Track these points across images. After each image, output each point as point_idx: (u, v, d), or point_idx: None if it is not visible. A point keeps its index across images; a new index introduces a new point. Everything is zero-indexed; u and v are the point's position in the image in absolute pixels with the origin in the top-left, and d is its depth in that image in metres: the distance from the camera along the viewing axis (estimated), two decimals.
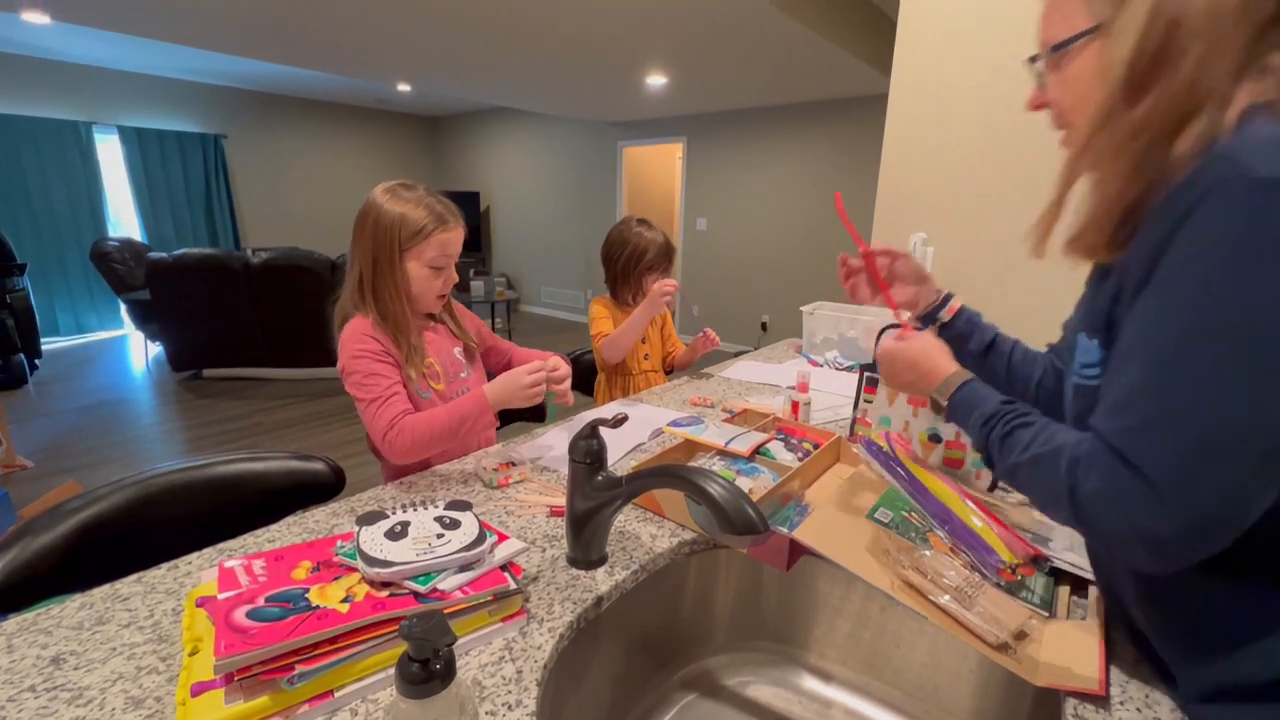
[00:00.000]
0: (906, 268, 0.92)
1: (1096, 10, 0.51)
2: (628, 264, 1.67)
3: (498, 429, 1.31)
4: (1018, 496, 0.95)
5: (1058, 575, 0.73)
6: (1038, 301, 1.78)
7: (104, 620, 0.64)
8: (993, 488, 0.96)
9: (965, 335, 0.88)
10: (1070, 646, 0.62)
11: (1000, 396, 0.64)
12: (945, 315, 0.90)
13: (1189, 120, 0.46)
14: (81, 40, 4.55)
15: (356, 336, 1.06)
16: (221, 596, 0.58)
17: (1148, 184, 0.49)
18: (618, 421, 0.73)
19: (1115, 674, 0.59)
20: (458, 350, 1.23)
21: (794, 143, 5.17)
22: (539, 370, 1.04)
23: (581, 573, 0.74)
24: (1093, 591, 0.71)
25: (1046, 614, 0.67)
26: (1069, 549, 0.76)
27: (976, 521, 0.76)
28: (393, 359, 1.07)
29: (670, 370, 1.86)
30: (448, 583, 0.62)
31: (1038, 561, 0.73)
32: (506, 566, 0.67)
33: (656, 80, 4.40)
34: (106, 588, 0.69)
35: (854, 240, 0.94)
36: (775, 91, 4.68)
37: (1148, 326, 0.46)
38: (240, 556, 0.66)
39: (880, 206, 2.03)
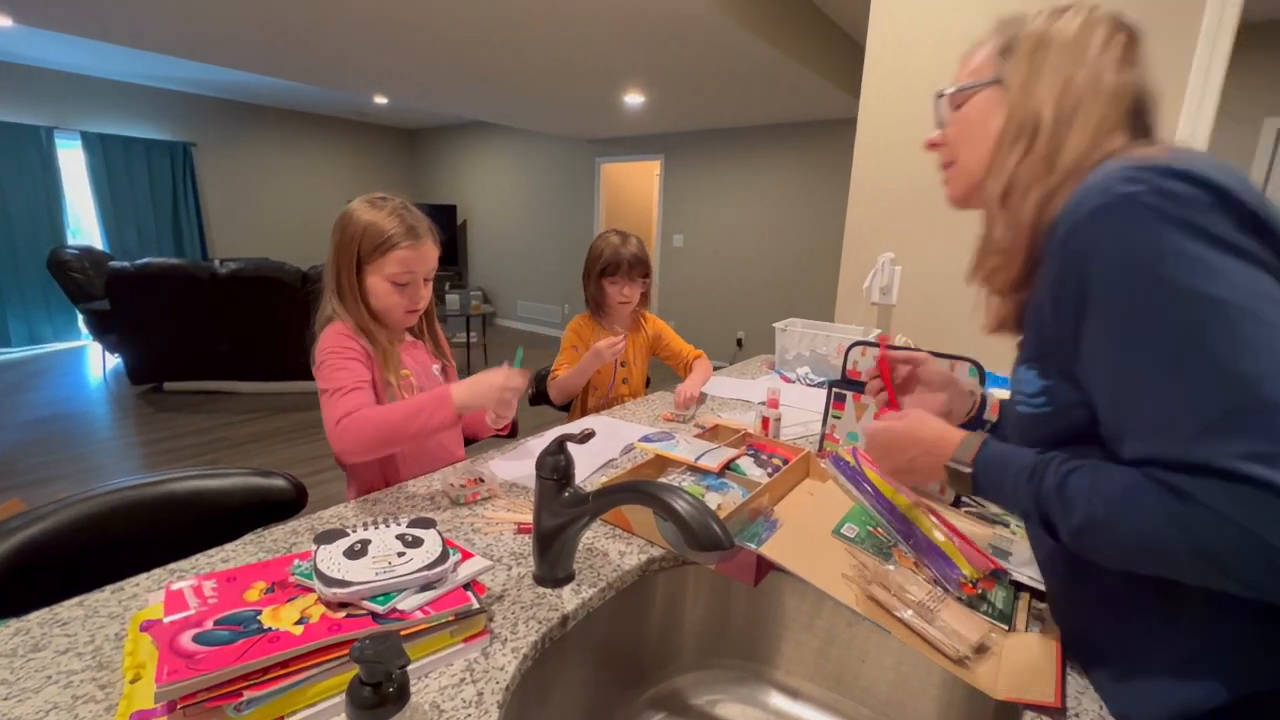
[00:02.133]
0: (930, 373, 0.87)
1: (1002, 67, 0.61)
2: (589, 267, 1.69)
3: (467, 445, 1.30)
4: (980, 511, 0.97)
5: (1017, 588, 0.75)
6: None
7: (40, 647, 0.61)
8: (956, 503, 0.98)
9: None
10: (1028, 660, 0.63)
11: (1029, 450, 0.57)
12: (990, 414, 0.83)
13: (1064, 172, 0.56)
14: (44, 44, 4.43)
15: (335, 335, 1.04)
16: (167, 620, 0.56)
17: (1034, 228, 0.57)
18: (585, 437, 0.72)
19: (1071, 685, 0.61)
20: (436, 368, 1.21)
21: (768, 162, 5.28)
22: (514, 375, 0.97)
23: (548, 591, 0.73)
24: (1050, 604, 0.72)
25: (1006, 627, 0.68)
26: (1027, 563, 0.78)
27: (939, 535, 0.77)
28: (370, 362, 1.05)
29: (648, 382, 1.87)
30: (407, 603, 0.60)
31: (998, 575, 0.74)
32: (470, 585, 0.66)
33: (634, 99, 4.46)
34: (45, 612, 0.66)
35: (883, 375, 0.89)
36: (751, 112, 4.78)
37: (1133, 348, 0.47)
38: (190, 577, 0.64)
39: (850, 227, 2.07)
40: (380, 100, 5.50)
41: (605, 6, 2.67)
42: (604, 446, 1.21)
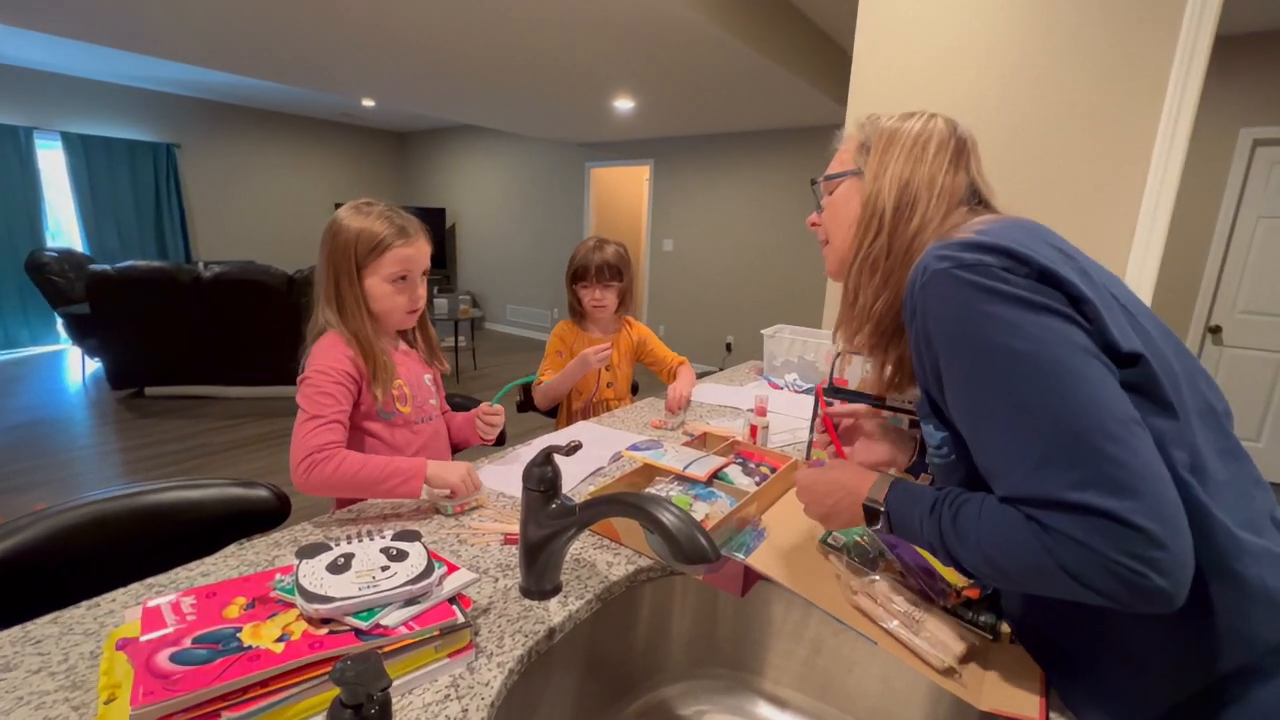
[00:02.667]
0: (869, 426, 0.90)
1: (860, 161, 0.71)
2: (567, 273, 1.71)
3: (455, 454, 1.29)
4: None
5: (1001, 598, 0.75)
6: None
7: (11, 666, 0.59)
8: None
9: None
10: (1012, 670, 0.63)
11: (927, 489, 0.61)
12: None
13: (914, 251, 0.64)
14: (24, 43, 4.36)
15: (330, 352, 1.04)
16: (144, 638, 0.55)
17: (880, 298, 0.67)
18: (571, 450, 0.72)
19: (1054, 697, 0.61)
20: (428, 378, 1.22)
21: (757, 168, 5.31)
22: (476, 478, 0.99)
23: (534, 603, 0.73)
24: None
25: (991, 637, 0.68)
26: None
27: None
28: (356, 385, 1.05)
29: (636, 389, 1.87)
30: (391, 618, 0.60)
31: (982, 585, 0.75)
32: (455, 599, 0.65)
33: (624, 104, 4.47)
34: (17, 630, 0.64)
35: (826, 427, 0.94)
36: (740, 119, 4.81)
37: (970, 403, 0.55)
38: (169, 593, 0.62)
39: None
40: (368, 103, 5.48)
41: (593, 12, 2.67)
42: (592, 455, 1.20)
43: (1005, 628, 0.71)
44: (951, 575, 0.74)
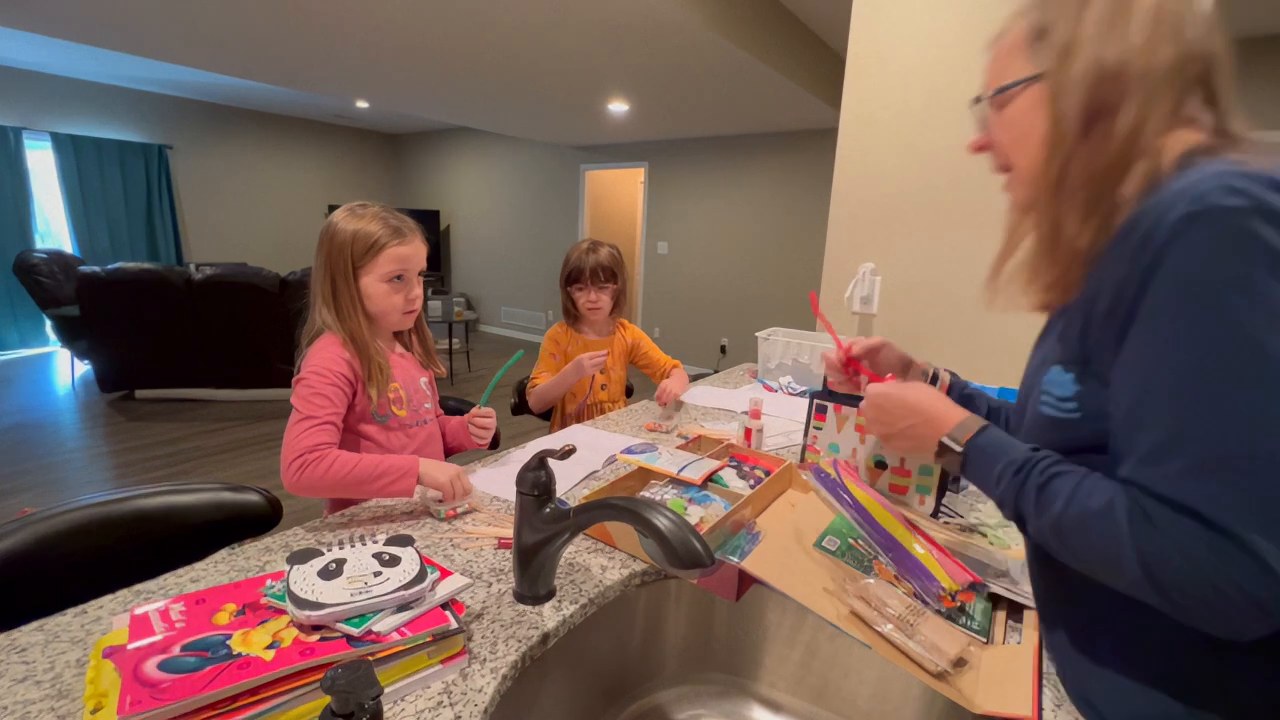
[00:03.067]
0: (891, 357, 0.91)
1: (1039, 60, 0.55)
2: (561, 275, 1.71)
3: (448, 458, 1.28)
4: (958, 523, 0.98)
5: (994, 600, 0.75)
6: (984, 331, 1.86)
7: None
8: (935, 514, 0.99)
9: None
10: (1006, 673, 0.63)
11: (1025, 445, 0.57)
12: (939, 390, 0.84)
13: (1131, 164, 0.50)
14: (13, 42, 4.32)
15: (326, 354, 1.04)
16: (132, 646, 0.54)
17: (1098, 225, 0.52)
18: (565, 453, 0.72)
19: (1048, 698, 0.61)
20: (423, 381, 1.21)
21: (751, 172, 5.33)
22: (466, 481, 0.99)
23: (528, 608, 0.72)
24: (1028, 616, 0.73)
25: (985, 640, 0.68)
26: (1005, 574, 0.79)
27: (919, 548, 0.78)
28: (351, 389, 1.05)
29: (630, 392, 1.87)
30: (384, 624, 0.59)
31: (976, 587, 0.75)
32: (448, 604, 0.65)
33: (618, 107, 4.47)
34: (2, 637, 0.63)
35: (832, 338, 0.96)
36: (734, 122, 4.82)
37: (1162, 368, 0.45)
38: (157, 600, 0.62)
39: (831, 237, 2.10)
40: (362, 104, 5.46)
41: (587, 15, 2.67)
42: (586, 458, 1.20)
43: (998, 630, 0.71)
44: (945, 579, 0.74)
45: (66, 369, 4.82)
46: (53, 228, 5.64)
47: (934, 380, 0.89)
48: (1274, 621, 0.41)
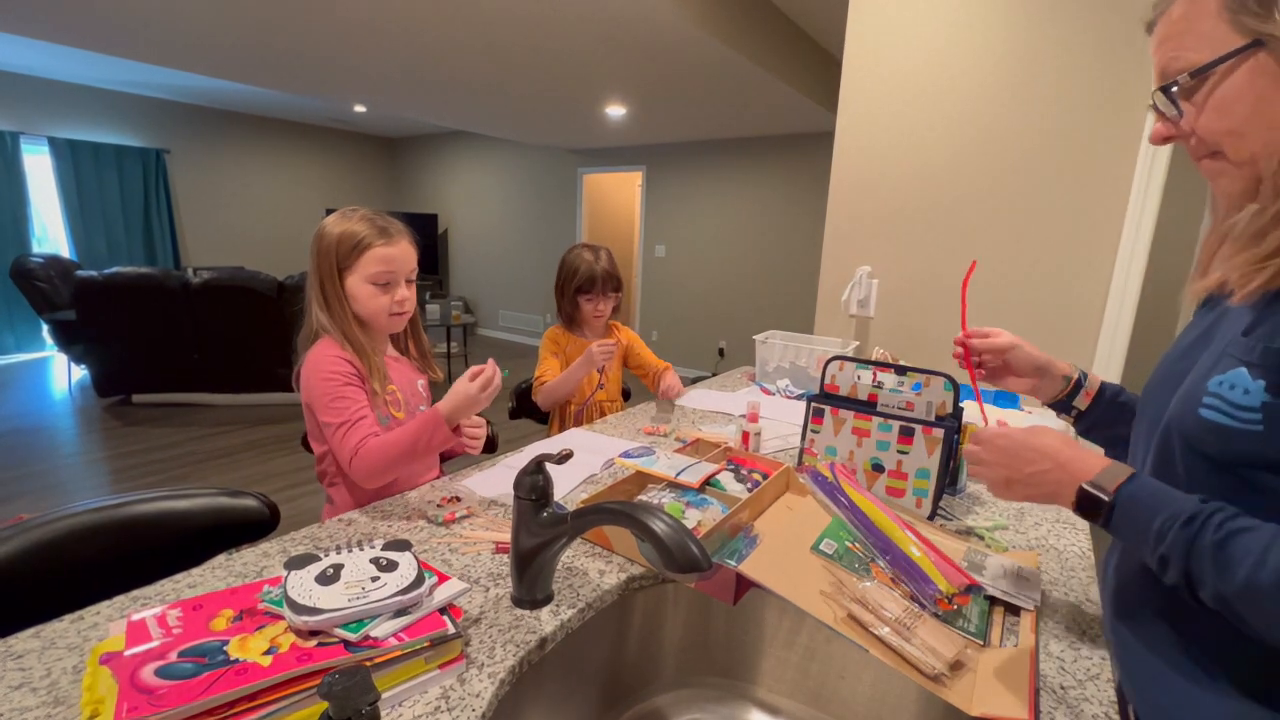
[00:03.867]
0: (1023, 360, 0.81)
1: (1249, 25, 0.47)
2: (565, 284, 1.71)
3: (444, 462, 1.28)
4: (955, 526, 0.99)
5: (991, 603, 0.76)
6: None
7: None
8: (932, 516, 0.99)
9: (1110, 422, 0.71)
10: (1003, 675, 0.63)
11: (1190, 496, 0.49)
12: (1082, 402, 0.76)
13: None
14: (11, 47, 4.32)
15: (325, 358, 1.04)
16: (129, 652, 0.54)
17: None
18: (563, 458, 0.72)
19: (1044, 701, 0.61)
20: (420, 383, 1.22)
21: (749, 175, 5.35)
22: (482, 372, 0.99)
23: (526, 613, 0.72)
24: (1024, 618, 0.73)
25: (981, 643, 0.69)
26: (1001, 577, 0.79)
27: (915, 551, 0.78)
28: (360, 378, 1.06)
29: (628, 395, 1.87)
30: (381, 629, 0.59)
31: (973, 590, 0.75)
32: (446, 609, 0.65)
33: (615, 111, 4.49)
34: None
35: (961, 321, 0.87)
36: (731, 125, 4.84)
37: None
38: (154, 606, 0.62)
39: (828, 240, 2.10)
40: (359, 108, 5.46)
41: (585, 19, 2.68)
42: (584, 462, 1.20)
43: (995, 633, 0.71)
44: (943, 582, 0.74)
45: (63, 374, 4.81)
46: (50, 232, 5.63)
47: (1079, 385, 0.79)
48: None
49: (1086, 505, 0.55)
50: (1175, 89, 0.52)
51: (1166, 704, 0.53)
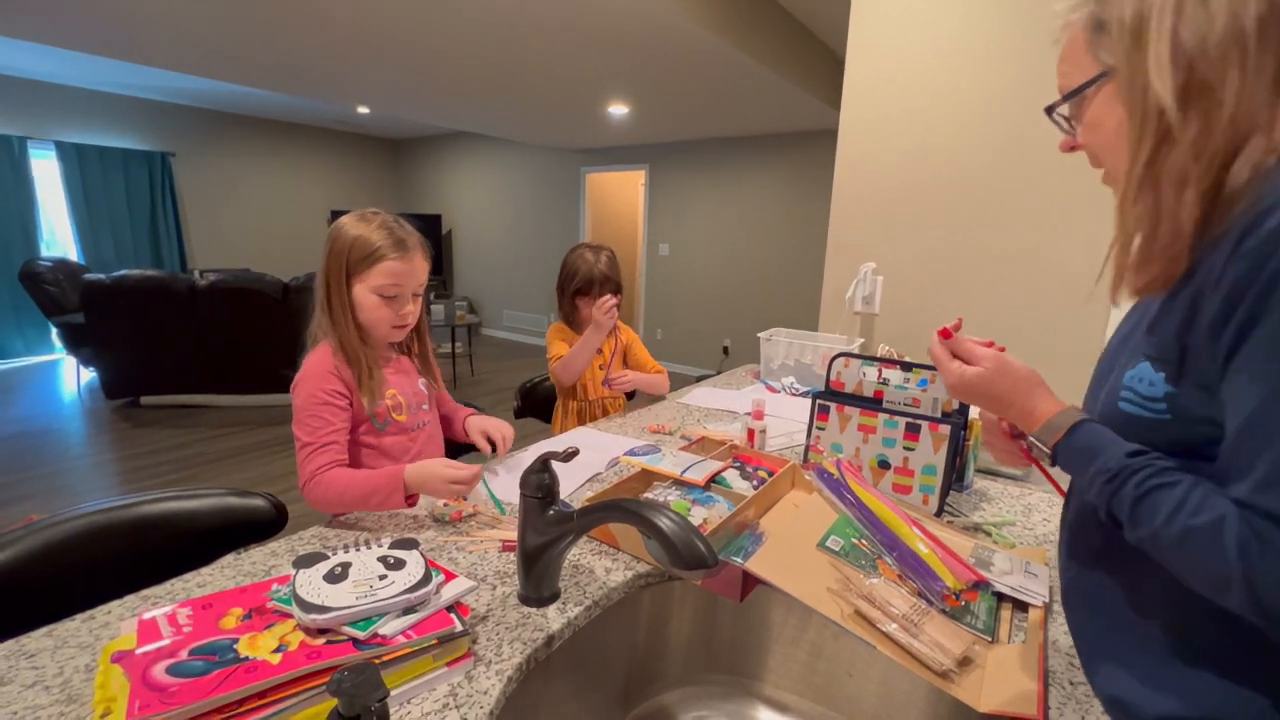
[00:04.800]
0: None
1: (1103, 57, 0.52)
2: (564, 285, 1.71)
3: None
4: (962, 522, 0.98)
5: (999, 599, 0.75)
6: (986, 330, 1.86)
7: (5, 681, 0.59)
8: (939, 512, 0.99)
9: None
10: (1011, 671, 0.63)
11: (1124, 445, 0.52)
12: None
13: (1240, 146, 0.46)
14: (17, 52, 4.36)
15: (315, 372, 1.03)
16: (140, 651, 0.54)
17: (1201, 217, 0.48)
18: (568, 455, 0.72)
19: (1053, 696, 0.61)
20: (421, 383, 1.20)
21: (752, 173, 5.33)
22: (460, 477, 0.96)
23: (533, 610, 0.73)
24: (1032, 614, 0.73)
25: (990, 639, 0.68)
26: (1009, 573, 0.79)
27: (922, 548, 0.78)
28: (346, 399, 1.04)
29: (632, 394, 1.87)
30: (389, 627, 0.59)
31: (980, 586, 0.75)
32: (453, 607, 0.65)
33: (618, 110, 4.48)
34: (11, 644, 0.64)
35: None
36: (733, 124, 4.83)
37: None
38: (165, 605, 0.62)
39: (832, 237, 2.10)
40: (363, 110, 5.48)
41: (585, 19, 2.68)
42: (590, 460, 1.20)
43: (1003, 629, 0.71)
44: (950, 578, 0.74)
45: (72, 376, 4.85)
46: (58, 236, 5.67)
47: None
48: None
49: (1035, 451, 0.60)
50: (1061, 107, 0.59)
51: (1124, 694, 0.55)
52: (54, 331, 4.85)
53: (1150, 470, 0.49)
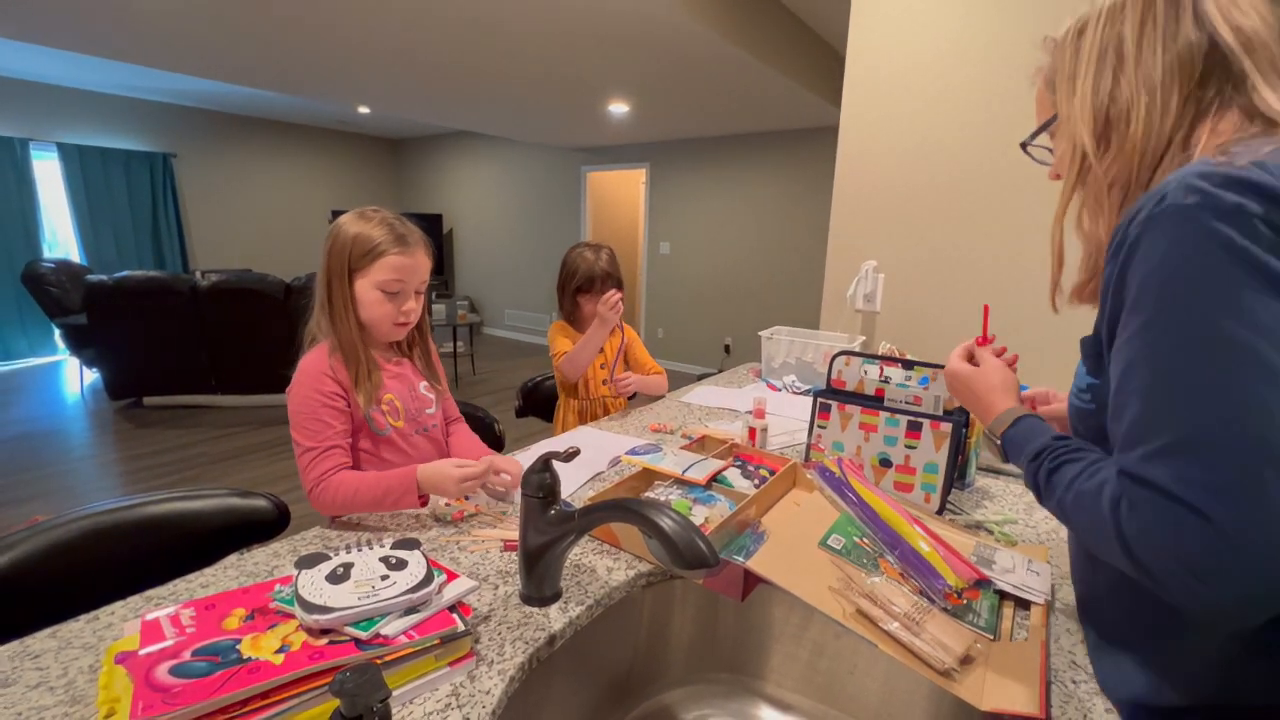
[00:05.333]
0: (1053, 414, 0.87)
1: (1054, 100, 0.63)
2: (565, 283, 1.71)
3: None
4: (964, 520, 0.98)
5: (1001, 597, 0.75)
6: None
7: (9, 682, 0.59)
8: (941, 511, 0.99)
9: None
10: (1013, 669, 0.63)
11: (1054, 433, 0.62)
12: None
13: (1156, 169, 0.55)
14: (19, 54, 4.37)
15: (310, 375, 1.02)
16: (143, 651, 0.55)
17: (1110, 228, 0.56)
18: (569, 455, 0.72)
19: (1056, 694, 0.61)
20: (423, 386, 1.18)
21: (753, 170, 5.33)
22: (469, 475, 0.97)
23: (535, 610, 0.73)
24: (1034, 612, 0.73)
25: (991, 637, 0.68)
26: (1010, 571, 0.78)
27: (924, 546, 0.78)
28: (344, 400, 1.03)
29: (633, 395, 1.87)
30: (391, 627, 0.59)
31: (982, 584, 0.75)
32: (455, 607, 0.65)
33: (618, 108, 4.48)
34: (15, 644, 0.64)
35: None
36: (734, 121, 4.82)
37: (1133, 358, 0.48)
38: (168, 605, 0.62)
39: (833, 235, 2.09)
40: (363, 110, 5.48)
41: (586, 18, 2.68)
42: (591, 459, 1.20)
43: (1005, 626, 0.71)
44: (951, 576, 0.74)
45: (75, 377, 4.86)
46: (60, 237, 5.69)
47: None
48: (1237, 593, 0.42)
49: (990, 444, 0.72)
50: (1029, 143, 0.70)
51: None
52: (57, 333, 4.86)
53: (1063, 449, 0.58)
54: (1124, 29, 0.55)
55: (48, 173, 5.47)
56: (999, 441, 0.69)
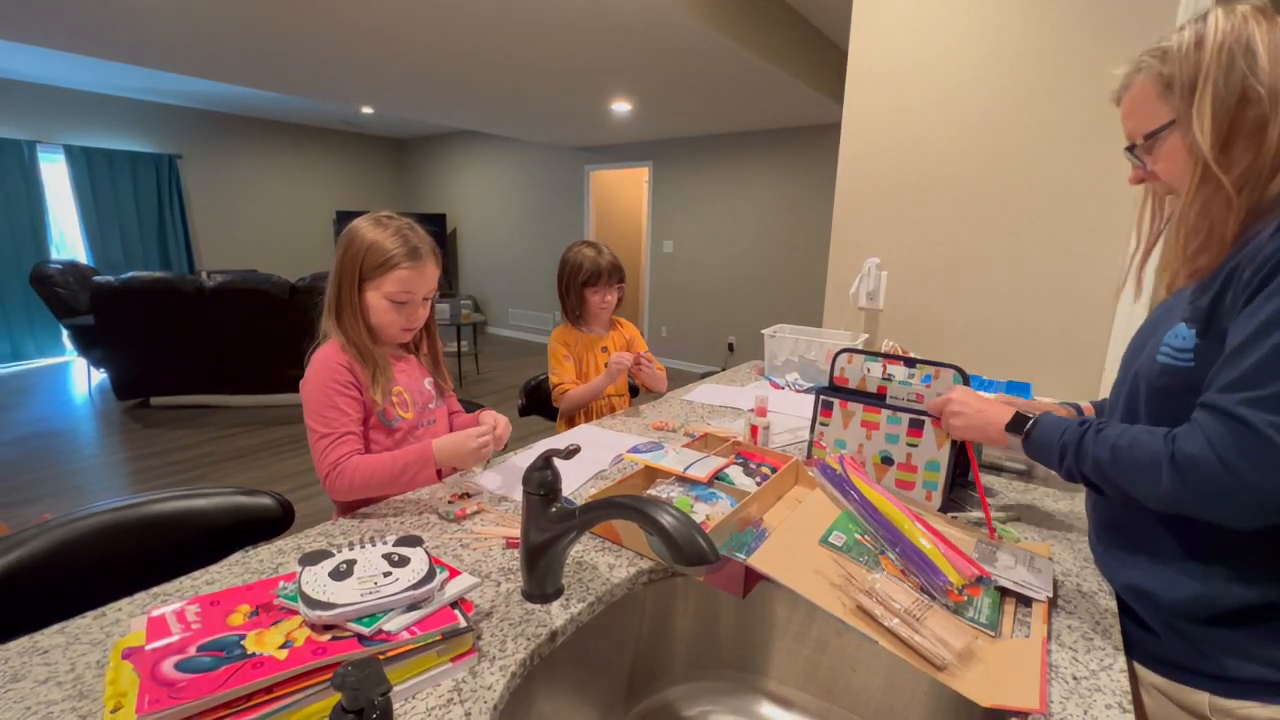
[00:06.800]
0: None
1: (1173, 105, 0.67)
2: (569, 280, 1.72)
3: None
4: (965, 517, 0.98)
5: (1002, 594, 0.75)
6: (990, 324, 1.85)
7: (19, 677, 0.60)
8: (942, 508, 0.99)
9: None
10: (1014, 666, 0.63)
11: (1063, 427, 0.75)
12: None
13: (1277, 171, 0.63)
14: (26, 57, 4.40)
15: (326, 365, 1.04)
16: (149, 647, 0.55)
17: (1244, 221, 0.65)
18: (570, 453, 0.72)
19: (1055, 690, 0.61)
20: (428, 382, 1.21)
21: (756, 168, 5.32)
22: (485, 433, 1.03)
23: (536, 607, 0.73)
24: (1036, 609, 0.73)
25: (993, 634, 0.68)
26: (1013, 568, 0.78)
27: (925, 543, 0.78)
28: (358, 390, 1.06)
29: (636, 393, 1.87)
30: (393, 623, 0.60)
31: (983, 581, 0.75)
32: (457, 603, 0.66)
33: (621, 107, 4.48)
34: (25, 640, 0.65)
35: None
36: (737, 119, 4.81)
37: (1265, 326, 0.57)
38: (174, 602, 0.63)
39: (836, 232, 2.09)
40: (367, 110, 5.50)
41: (589, 16, 2.68)
42: (593, 457, 1.21)
43: (1006, 623, 0.71)
44: (952, 573, 0.74)
45: (83, 378, 4.90)
46: (67, 238, 5.73)
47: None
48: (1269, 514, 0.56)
49: (1015, 427, 0.82)
50: (1137, 148, 0.74)
51: (1142, 584, 0.74)
52: (65, 334, 4.90)
53: (1098, 424, 0.71)
54: (1257, 48, 0.61)
55: (55, 175, 5.51)
56: (1022, 434, 0.79)
